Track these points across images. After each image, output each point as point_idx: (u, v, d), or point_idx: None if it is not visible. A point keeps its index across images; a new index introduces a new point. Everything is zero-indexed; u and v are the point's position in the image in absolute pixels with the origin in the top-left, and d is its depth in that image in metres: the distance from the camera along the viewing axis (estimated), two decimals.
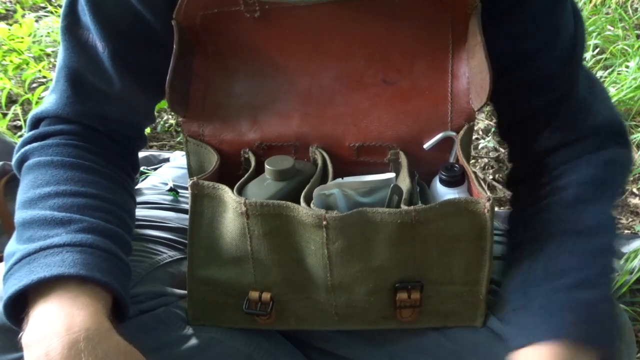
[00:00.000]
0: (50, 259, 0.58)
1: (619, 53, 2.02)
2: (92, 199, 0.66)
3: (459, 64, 0.69)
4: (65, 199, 0.64)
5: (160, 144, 1.73)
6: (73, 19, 0.70)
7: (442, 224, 0.62)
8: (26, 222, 0.63)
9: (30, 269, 0.57)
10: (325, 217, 0.61)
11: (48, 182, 0.66)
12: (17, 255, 0.59)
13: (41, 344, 0.52)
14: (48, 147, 0.70)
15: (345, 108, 0.72)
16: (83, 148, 0.71)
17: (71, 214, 0.63)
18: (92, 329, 0.53)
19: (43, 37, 2.12)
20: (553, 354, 0.58)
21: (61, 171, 0.67)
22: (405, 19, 0.68)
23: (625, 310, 1.17)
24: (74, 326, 0.53)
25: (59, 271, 0.56)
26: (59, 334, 0.52)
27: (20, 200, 0.66)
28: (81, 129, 0.73)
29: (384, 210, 0.61)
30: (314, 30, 0.70)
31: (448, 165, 0.70)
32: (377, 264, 0.64)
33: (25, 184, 0.68)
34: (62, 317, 0.53)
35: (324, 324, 0.70)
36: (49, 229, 0.61)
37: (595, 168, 0.70)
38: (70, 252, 0.58)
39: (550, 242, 0.66)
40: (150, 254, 0.77)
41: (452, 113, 0.70)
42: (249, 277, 0.68)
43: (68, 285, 0.56)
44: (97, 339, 0.53)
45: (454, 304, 0.68)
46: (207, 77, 0.73)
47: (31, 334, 0.54)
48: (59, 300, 0.55)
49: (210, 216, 0.67)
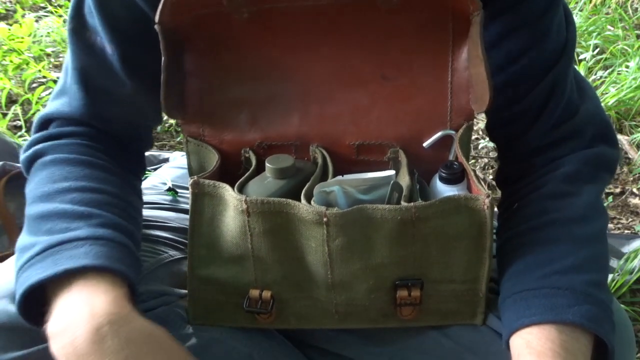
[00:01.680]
0: (75, 251, 0.58)
1: (619, 53, 2.02)
2: (108, 196, 0.67)
3: (459, 60, 0.69)
4: (84, 194, 0.65)
5: (161, 144, 1.73)
6: (80, 22, 0.71)
7: (442, 221, 0.62)
8: (44, 215, 0.63)
9: (55, 260, 0.57)
10: (325, 214, 0.61)
11: (66, 178, 0.67)
12: (38, 247, 0.59)
13: (66, 333, 0.53)
14: (63, 145, 0.71)
15: (345, 106, 0.72)
16: (95, 148, 0.72)
17: (91, 208, 0.64)
18: (114, 313, 0.54)
19: (43, 37, 2.12)
20: (548, 336, 0.58)
21: (78, 168, 0.68)
22: (405, 15, 0.68)
23: (625, 310, 1.17)
24: (97, 312, 0.53)
25: (85, 262, 0.57)
26: (83, 321, 0.53)
27: (35, 194, 0.67)
28: (92, 131, 0.74)
29: (384, 206, 0.61)
30: (308, 29, 0.69)
31: (447, 163, 0.70)
32: (377, 262, 0.64)
33: (41, 179, 0.68)
34: (85, 306, 0.54)
35: (324, 322, 0.70)
36: (69, 222, 0.62)
37: (580, 164, 0.71)
38: (93, 245, 0.59)
39: (535, 234, 0.67)
40: (151, 253, 0.77)
41: (451, 112, 0.70)
42: (250, 275, 0.68)
43: (88, 276, 0.57)
44: (120, 322, 0.54)
45: (453, 302, 0.68)
46: (202, 76, 0.72)
47: (56, 323, 0.54)
48: (80, 290, 0.56)
49: (211, 215, 0.67)
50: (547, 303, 0.60)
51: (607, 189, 1.63)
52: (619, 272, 1.25)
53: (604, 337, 0.59)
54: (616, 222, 1.52)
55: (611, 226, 1.50)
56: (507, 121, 0.74)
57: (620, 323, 0.65)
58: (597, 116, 0.74)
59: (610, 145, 0.74)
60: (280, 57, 0.72)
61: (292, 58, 0.71)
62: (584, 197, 0.69)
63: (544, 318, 0.59)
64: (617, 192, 1.62)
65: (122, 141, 0.76)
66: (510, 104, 0.72)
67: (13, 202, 1.04)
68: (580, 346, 0.58)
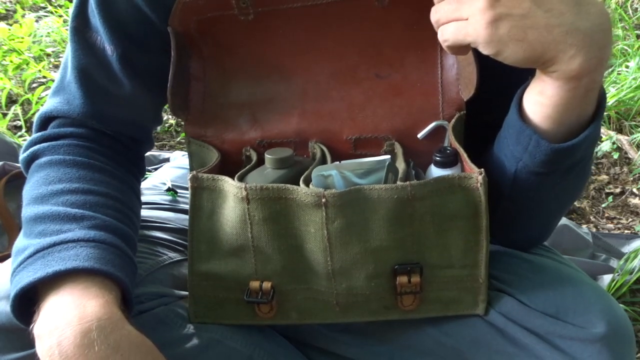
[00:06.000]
0: (64, 253, 0.58)
1: (619, 53, 2.02)
2: (103, 198, 0.67)
3: (448, 57, 0.72)
4: (77, 196, 0.65)
5: (160, 144, 1.73)
6: (82, 21, 0.71)
7: (437, 199, 0.64)
8: (38, 217, 0.63)
9: (45, 263, 0.57)
10: (324, 194, 0.62)
11: (60, 180, 0.67)
12: (30, 250, 0.59)
13: (53, 334, 0.52)
14: (59, 147, 0.71)
15: (341, 103, 0.74)
16: (93, 150, 0.72)
17: (84, 210, 0.64)
18: (104, 319, 0.53)
19: (43, 37, 2.12)
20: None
21: (73, 169, 0.68)
22: (396, 15, 0.70)
23: (625, 310, 1.17)
24: (86, 316, 0.53)
25: (74, 264, 0.56)
26: (71, 324, 0.52)
27: (30, 196, 0.67)
28: (91, 132, 0.74)
29: (381, 186, 0.63)
30: (306, 30, 0.72)
31: (441, 148, 0.72)
32: (376, 245, 0.65)
33: (36, 181, 0.68)
34: (74, 308, 0.54)
35: (325, 316, 0.71)
36: (61, 224, 0.62)
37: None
38: (84, 247, 0.59)
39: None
40: (151, 255, 0.77)
41: (443, 103, 0.73)
42: (250, 267, 0.68)
43: (79, 278, 0.56)
44: (109, 328, 0.53)
45: (454, 290, 0.69)
46: (205, 80, 0.75)
47: (43, 324, 0.54)
48: (70, 292, 0.55)
49: (210, 209, 0.68)
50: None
51: (607, 189, 1.63)
52: (619, 272, 1.25)
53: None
54: (616, 222, 1.52)
55: (611, 226, 1.50)
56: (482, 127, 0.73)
57: (621, 323, 0.65)
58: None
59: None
60: (280, 58, 0.74)
61: (291, 59, 0.74)
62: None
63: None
64: (617, 192, 1.62)
65: (121, 142, 0.76)
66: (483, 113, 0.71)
67: (13, 202, 1.04)
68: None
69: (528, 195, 0.67)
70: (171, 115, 1.79)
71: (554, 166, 0.62)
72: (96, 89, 0.73)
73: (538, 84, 0.59)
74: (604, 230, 1.48)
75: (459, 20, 0.56)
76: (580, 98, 0.57)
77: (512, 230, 0.73)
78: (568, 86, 0.56)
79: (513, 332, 0.67)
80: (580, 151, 0.61)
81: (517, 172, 0.65)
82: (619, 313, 0.66)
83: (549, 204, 0.70)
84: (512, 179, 0.66)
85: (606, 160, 1.73)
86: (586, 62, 0.53)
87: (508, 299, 0.68)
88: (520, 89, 0.63)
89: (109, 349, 0.52)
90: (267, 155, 0.71)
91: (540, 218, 0.73)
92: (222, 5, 0.69)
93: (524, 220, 0.72)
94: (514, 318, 0.67)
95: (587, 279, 0.71)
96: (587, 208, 1.56)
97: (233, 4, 0.69)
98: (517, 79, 0.63)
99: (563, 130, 0.60)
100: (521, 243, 0.76)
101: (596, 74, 0.55)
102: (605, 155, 1.74)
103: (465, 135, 0.72)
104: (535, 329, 0.65)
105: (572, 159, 0.62)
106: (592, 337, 0.63)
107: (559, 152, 0.60)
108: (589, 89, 0.57)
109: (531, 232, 0.75)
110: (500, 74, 0.61)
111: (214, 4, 0.69)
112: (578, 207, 1.56)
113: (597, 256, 1.33)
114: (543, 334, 0.65)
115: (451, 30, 0.57)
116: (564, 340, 0.64)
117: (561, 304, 0.65)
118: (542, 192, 0.67)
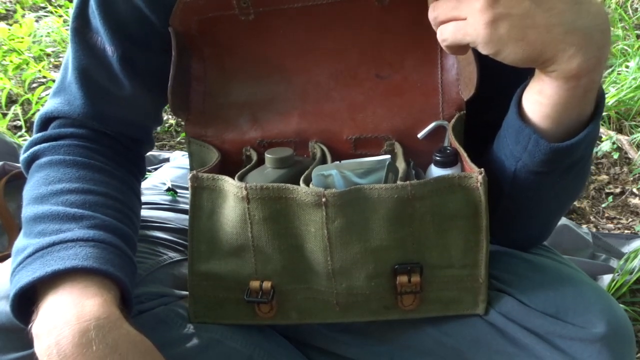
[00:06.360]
0: (63, 253, 0.58)
1: (619, 53, 2.02)
2: (103, 198, 0.67)
3: (448, 57, 0.72)
4: (77, 196, 0.65)
5: (161, 144, 1.73)
6: (83, 22, 0.71)
7: (437, 199, 0.64)
8: (37, 217, 0.63)
9: (44, 262, 0.57)
10: (324, 194, 0.62)
11: (60, 180, 0.67)
12: (29, 249, 0.59)
13: (52, 334, 0.52)
14: (60, 147, 0.71)
15: (342, 103, 0.74)
16: (94, 150, 0.73)
17: (83, 210, 0.64)
18: (102, 318, 0.53)
19: (43, 37, 2.12)
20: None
21: (73, 169, 0.68)
22: (396, 16, 0.70)
23: (625, 310, 1.17)
24: (84, 315, 0.53)
25: (73, 264, 0.56)
26: (69, 323, 0.52)
27: (30, 195, 0.67)
28: (91, 132, 0.74)
29: (381, 185, 0.63)
30: (307, 30, 0.72)
31: (441, 148, 0.72)
32: (376, 244, 0.65)
33: (36, 181, 0.68)
34: (72, 307, 0.54)
35: (325, 316, 0.71)
36: (61, 224, 0.62)
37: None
38: (83, 246, 0.59)
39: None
40: (151, 254, 0.77)
41: (443, 104, 0.73)
42: (250, 267, 0.69)
43: (77, 277, 0.57)
44: (107, 328, 0.53)
45: (454, 289, 0.69)
46: (205, 80, 0.75)
47: (41, 324, 0.54)
48: (69, 292, 0.55)
49: (211, 208, 0.68)
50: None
51: (607, 189, 1.63)
52: (619, 272, 1.25)
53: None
54: (616, 222, 1.52)
55: (611, 226, 1.50)
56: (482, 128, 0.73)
57: (621, 323, 0.65)
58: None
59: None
60: (280, 58, 0.74)
61: (292, 59, 0.74)
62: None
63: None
64: (617, 192, 1.62)
65: (121, 143, 0.76)
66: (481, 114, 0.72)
67: (13, 202, 1.04)
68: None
69: (528, 194, 0.67)
70: (171, 115, 1.79)
71: (553, 165, 0.62)
72: (97, 89, 0.73)
73: (537, 83, 0.59)
74: (604, 230, 1.48)
75: (458, 20, 0.56)
76: (579, 97, 0.57)
77: (512, 229, 0.73)
78: (567, 86, 0.56)
79: (513, 332, 0.67)
80: (580, 150, 0.61)
81: (517, 172, 0.65)
82: (619, 313, 0.66)
83: (549, 203, 0.70)
84: (511, 179, 0.66)
85: (606, 160, 1.73)
86: (585, 62, 0.54)
87: (508, 298, 0.68)
88: (520, 89, 0.63)
89: (107, 348, 0.52)
90: (267, 155, 0.71)
91: (540, 217, 0.73)
92: (223, 5, 0.69)
93: (523, 219, 0.72)
94: (514, 318, 0.67)
95: (587, 279, 0.71)
96: (587, 208, 1.56)
97: (234, 4, 0.69)
98: (517, 79, 0.63)
99: (562, 129, 0.60)
100: (521, 242, 0.76)
101: (595, 74, 0.56)
102: (605, 155, 1.74)
103: (465, 135, 0.72)
104: (535, 329, 0.65)
105: (571, 158, 0.62)
106: (592, 337, 0.63)
107: (558, 152, 0.60)
108: (588, 89, 0.57)
109: (531, 231, 0.75)
110: (499, 74, 0.61)
111: (214, 4, 0.69)
112: (578, 207, 1.56)
113: (597, 256, 1.33)
114: (543, 333, 0.65)
115: (450, 30, 0.57)
116: (564, 340, 0.64)
117: (561, 304, 0.65)
118: (541, 192, 0.67)
